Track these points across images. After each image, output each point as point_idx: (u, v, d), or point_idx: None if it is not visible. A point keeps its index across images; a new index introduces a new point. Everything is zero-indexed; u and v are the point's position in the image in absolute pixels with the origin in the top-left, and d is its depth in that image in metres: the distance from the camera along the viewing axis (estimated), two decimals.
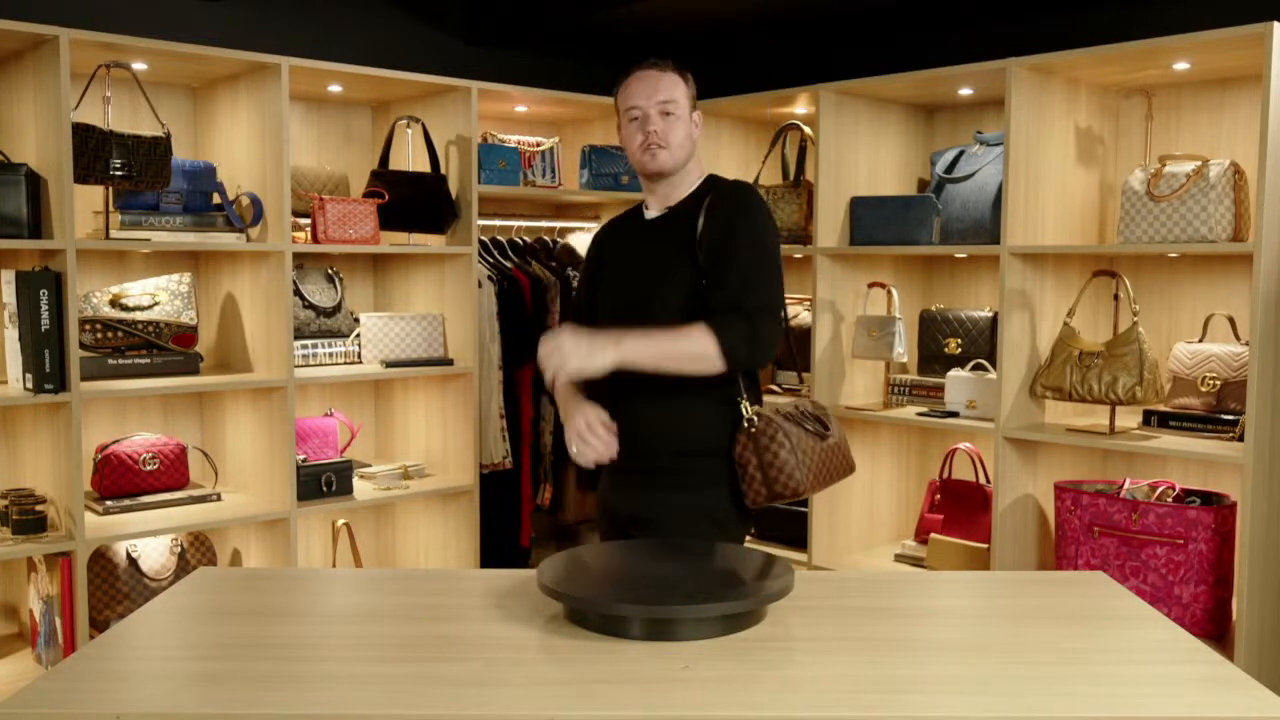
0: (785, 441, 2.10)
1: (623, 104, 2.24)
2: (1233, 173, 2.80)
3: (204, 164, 3.19)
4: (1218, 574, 2.78)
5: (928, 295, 3.82)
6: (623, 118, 2.25)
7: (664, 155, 2.19)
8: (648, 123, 2.19)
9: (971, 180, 3.36)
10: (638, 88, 2.21)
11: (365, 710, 1.31)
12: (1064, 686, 1.38)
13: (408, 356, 3.54)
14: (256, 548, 3.39)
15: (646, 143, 2.20)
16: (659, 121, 2.19)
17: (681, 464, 2.17)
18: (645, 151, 2.20)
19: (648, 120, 2.19)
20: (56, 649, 2.88)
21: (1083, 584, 1.85)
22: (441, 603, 1.71)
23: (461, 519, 3.61)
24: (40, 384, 2.78)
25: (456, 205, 3.57)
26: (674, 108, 2.20)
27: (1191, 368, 3.02)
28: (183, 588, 1.79)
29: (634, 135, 2.22)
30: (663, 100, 2.19)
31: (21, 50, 2.88)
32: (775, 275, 2.16)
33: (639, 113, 2.20)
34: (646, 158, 2.20)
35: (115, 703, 1.32)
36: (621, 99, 2.25)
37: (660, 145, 2.19)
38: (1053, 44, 3.23)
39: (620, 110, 2.26)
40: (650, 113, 2.19)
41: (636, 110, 2.20)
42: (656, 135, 2.18)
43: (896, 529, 3.82)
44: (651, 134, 2.18)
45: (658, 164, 2.20)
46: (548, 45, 4.22)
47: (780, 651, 1.51)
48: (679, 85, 2.22)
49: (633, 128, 2.22)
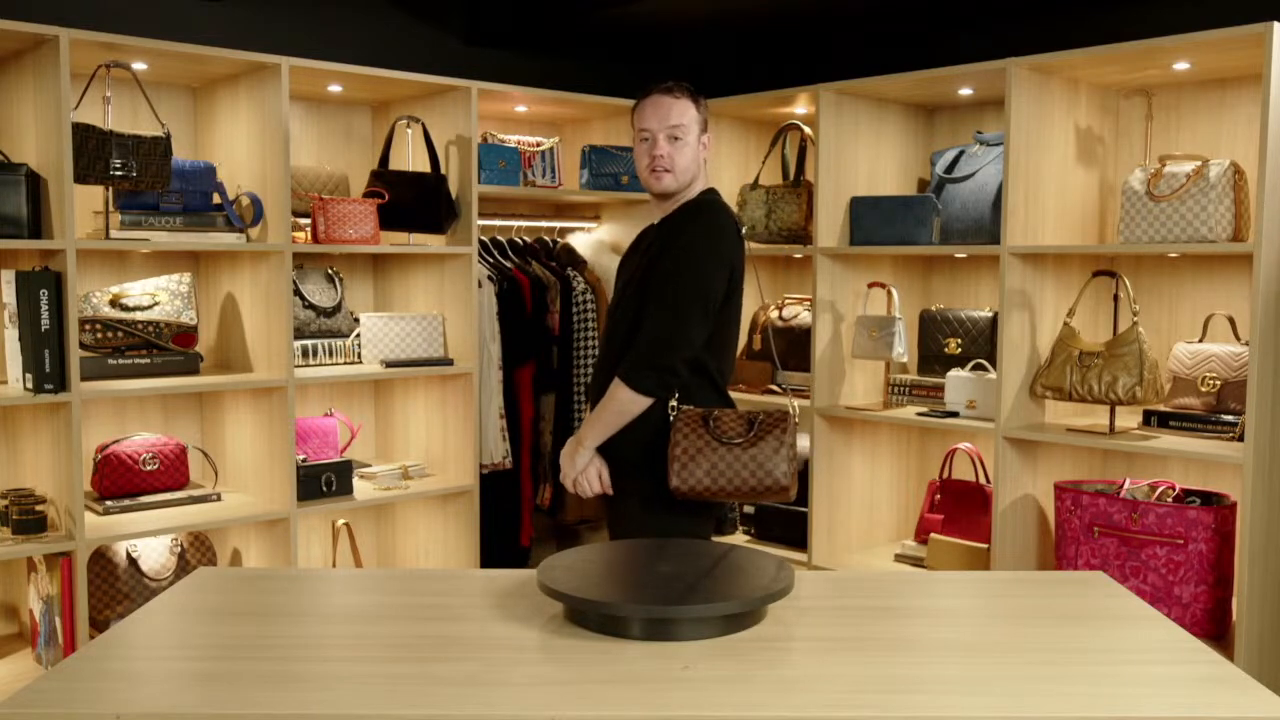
0: (679, 441, 2.29)
1: (636, 124, 2.43)
2: (1233, 173, 2.80)
3: (204, 164, 3.19)
4: (1218, 574, 2.78)
5: (927, 295, 3.82)
6: (635, 135, 2.43)
7: (668, 179, 2.37)
8: (655, 146, 2.36)
9: (971, 180, 3.36)
10: (650, 112, 2.38)
11: (365, 710, 1.31)
12: (1064, 686, 1.38)
13: (408, 356, 3.54)
14: (256, 548, 3.39)
15: (652, 165, 2.38)
16: (666, 145, 2.36)
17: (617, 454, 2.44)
18: (651, 174, 2.39)
19: (656, 144, 2.36)
20: (56, 649, 2.88)
21: (1083, 584, 1.85)
22: (441, 603, 1.71)
23: (461, 519, 3.61)
24: (40, 384, 2.78)
25: (456, 205, 3.57)
26: (682, 133, 2.37)
27: (1191, 368, 3.02)
28: (183, 588, 1.79)
29: (642, 156, 2.41)
30: (672, 125, 2.36)
31: (21, 50, 2.88)
32: (685, 300, 2.31)
33: (649, 135, 2.38)
34: (652, 179, 2.40)
35: (115, 703, 1.32)
36: (635, 119, 2.43)
37: (665, 169, 2.37)
38: (1053, 44, 3.23)
39: (634, 128, 2.44)
40: (659, 137, 2.36)
41: (647, 133, 2.38)
42: (662, 160, 2.36)
43: (896, 529, 3.82)
44: (658, 158, 2.36)
45: (661, 186, 2.40)
46: (548, 45, 4.22)
47: (780, 651, 1.51)
48: (689, 110, 2.39)
49: (642, 148, 2.40)
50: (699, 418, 2.31)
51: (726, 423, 2.30)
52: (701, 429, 2.29)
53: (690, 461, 2.26)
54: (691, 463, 2.26)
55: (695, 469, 2.26)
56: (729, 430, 2.28)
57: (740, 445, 2.27)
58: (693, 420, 2.31)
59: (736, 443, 2.27)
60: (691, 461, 2.26)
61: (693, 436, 2.28)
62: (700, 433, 2.28)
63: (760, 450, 2.26)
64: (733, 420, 2.31)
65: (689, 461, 2.26)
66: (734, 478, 2.26)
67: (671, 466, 2.28)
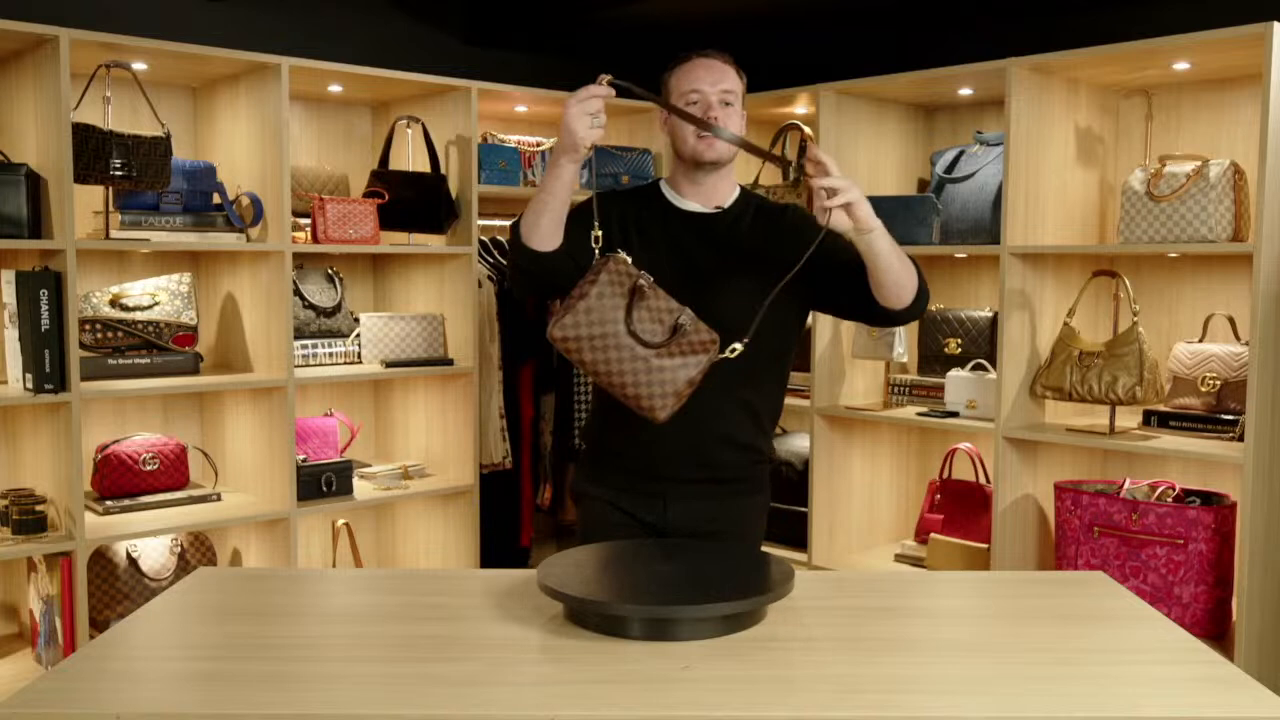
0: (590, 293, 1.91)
1: (680, 86, 2.12)
2: (1233, 173, 2.81)
3: (204, 164, 3.19)
4: (1218, 574, 2.78)
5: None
6: (677, 101, 2.11)
7: (721, 145, 2.08)
8: (709, 109, 2.08)
9: (971, 180, 3.36)
10: (702, 73, 2.10)
11: (365, 710, 1.31)
12: (1064, 686, 1.38)
13: (408, 356, 3.54)
14: (256, 548, 3.39)
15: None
16: (719, 109, 2.09)
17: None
18: (702, 139, 2.08)
19: (709, 106, 2.08)
20: (56, 649, 2.88)
21: (1083, 584, 1.85)
22: (441, 603, 1.71)
23: (461, 519, 3.61)
24: (40, 384, 2.78)
25: (456, 205, 3.57)
26: (733, 99, 2.11)
27: (1191, 368, 3.02)
28: (183, 588, 1.79)
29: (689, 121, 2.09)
30: (725, 89, 2.10)
31: (21, 50, 2.88)
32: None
33: (699, 97, 2.09)
34: (703, 146, 2.08)
35: (115, 703, 1.32)
36: (679, 81, 2.13)
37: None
38: (1053, 44, 3.23)
39: (673, 93, 2.13)
40: (712, 99, 2.09)
41: (697, 95, 2.09)
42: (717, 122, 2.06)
43: (896, 529, 3.82)
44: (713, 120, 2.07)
45: (715, 153, 2.09)
46: (548, 45, 4.22)
47: (780, 651, 1.51)
48: (738, 80, 2.15)
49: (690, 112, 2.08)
50: (629, 284, 1.92)
51: (649, 312, 1.92)
52: (624, 294, 1.91)
53: (587, 328, 1.88)
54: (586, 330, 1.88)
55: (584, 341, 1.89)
56: (648, 326, 1.91)
57: (651, 351, 1.90)
58: (620, 280, 1.92)
59: (650, 345, 1.89)
60: (588, 330, 1.88)
61: (608, 304, 1.90)
62: (620, 299, 1.91)
63: (666, 367, 1.89)
64: (656, 311, 1.92)
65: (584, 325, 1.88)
66: (618, 376, 1.90)
67: (561, 315, 1.89)
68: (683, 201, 2.16)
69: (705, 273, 2.10)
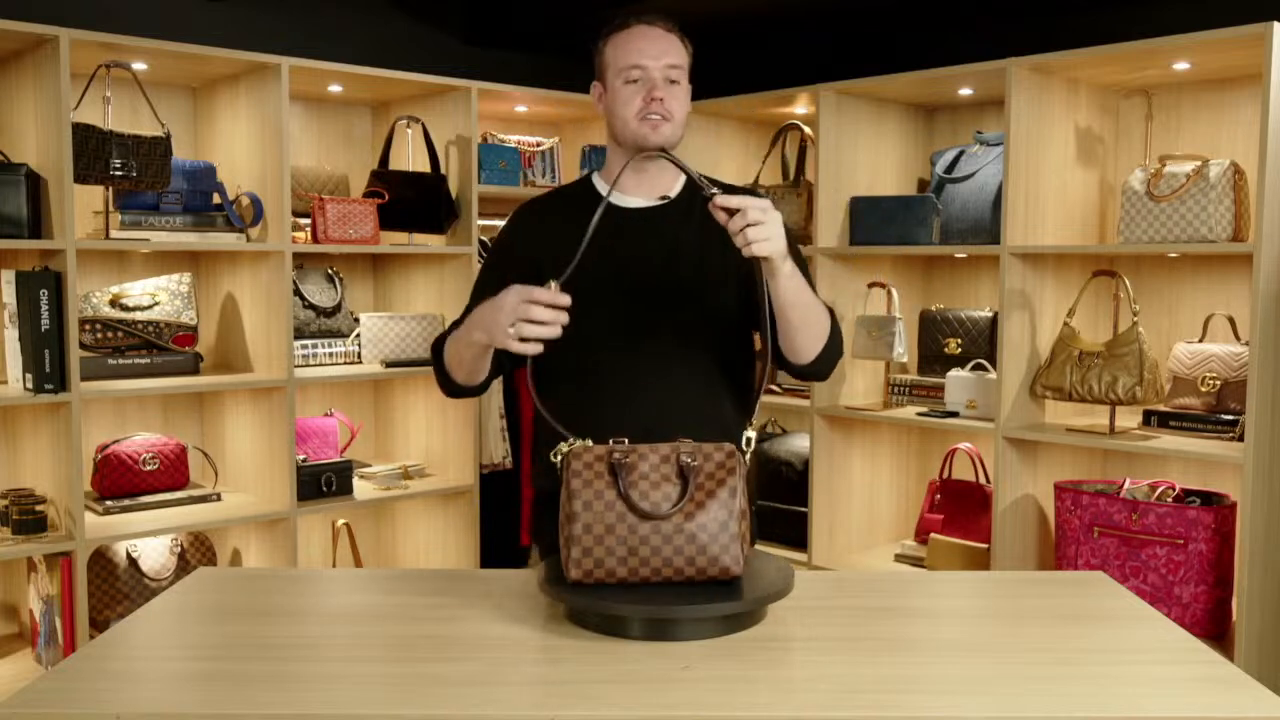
0: (578, 508, 1.54)
1: (617, 61, 1.85)
2: (1233, 173, 2.80)
3: (204, 164, 3.19)
4: (1218, 574, 2.78)
5: (928, 295, 3.82)
6: (615, 78, 1.86)
7: (667, 129, 1.83)
8: (653, 88, 1.82)
9: (971, 180, 3.36)
10: (643, 45, 1.84)
11: (365, 710, 1.31)
12: (1064, 686, 1.38)
13: (408, 356, 3.54)
14: (256, 548, 3.39)
15: (648, 111, 1.82)
16: (664, 89, 1.83)
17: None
18: (645, 122, 1.83)
19: (653, 85, 1.83)
20: (56, 649, 2.88)
21: (1083, 584, 1.85)
22: (441, 603, 1.71)
23: (461, 519, 3.61)
24: (40, 384, 2.78)
25: (456, 205, 3.57)
26: (679, 75, 1.86)
27: (1191, 368, 3.02)
28: (183, 588, 1.79)
29: (631, 100, 1.84)
30: (671, 64, 1.84)
31: (21, 50, 2.88)
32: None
33: (641, 74, 1.83)
34: (646, 129, 1.83)
35: (115, 703, 1.32)
36: (615, 54, 1.86)
37: (665, 117, 1.83)
38: (1053, 44, 3.23)
39: (610, 67, 1.87)
40: (655, 77, 1.83)
41: (638, 71, 1.83)
42: (661, 105, 1.82)
43: (896, 529, 3.82)
44: (656, 102, 1.82)
45: (660, 137, 1.83)
46: (548, 45, 4.22)
47: (780, 651, 1.51)
48: (684, 53, 1.90)
49: (631, 91, 1.84)
50: (605, 466, 1.55)
51: (643, 477, 1.54)
52: (608, 484, 1.54)
53: (597, 543, 1.52)
54: (599, 548, 1.52)
55: (605, 560, 1.52)
56: (650, 492, 1.53)
57: (668, 516, 1.52)
58: (594, 468, 1.55)
59: (664, 514, 1.52)
60: (600, 547, 1.52)
61: (597, 501, 1.53)
62: (607, 492, 1.53)
63: (700, 522, 1.52)
64: (653, 473, 1.54)
65: (595, 544, 1.52)
66: (667, 564, 1.53)
67: (566, 556, 1.54)
68: (623, 198, 1.92)
69: (663, 278, 1.88)
